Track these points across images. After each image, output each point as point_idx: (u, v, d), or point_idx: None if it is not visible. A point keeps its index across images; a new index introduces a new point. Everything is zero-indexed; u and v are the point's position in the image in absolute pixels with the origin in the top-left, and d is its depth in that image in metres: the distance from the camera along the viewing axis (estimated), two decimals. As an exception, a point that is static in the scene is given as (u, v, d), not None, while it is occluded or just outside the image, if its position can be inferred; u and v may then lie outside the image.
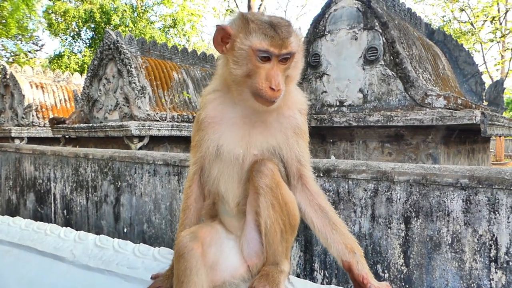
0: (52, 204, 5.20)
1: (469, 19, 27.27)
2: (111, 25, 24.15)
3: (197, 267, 1.53)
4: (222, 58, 1.66)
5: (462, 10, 27.43)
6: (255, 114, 1.62)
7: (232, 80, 1.58)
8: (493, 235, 2.24)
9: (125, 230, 4.22)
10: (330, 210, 1.66)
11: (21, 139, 11.37)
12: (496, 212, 2.23)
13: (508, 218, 2.20)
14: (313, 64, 6.13)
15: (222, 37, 1.57)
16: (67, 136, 8.96)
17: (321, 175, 2.86)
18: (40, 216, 5.34)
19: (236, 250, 1.70)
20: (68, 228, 2.54)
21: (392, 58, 5.40)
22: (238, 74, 1.54)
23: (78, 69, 24.78)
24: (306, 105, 1.75)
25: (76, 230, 2.53)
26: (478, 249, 2.28)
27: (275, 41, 1.48)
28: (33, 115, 11.75)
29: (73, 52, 27.33)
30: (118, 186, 4.32)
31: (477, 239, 2.29)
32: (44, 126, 11.68)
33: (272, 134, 1.64)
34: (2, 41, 26.68)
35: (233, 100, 1.65)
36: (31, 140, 11.37)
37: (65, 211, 5.01)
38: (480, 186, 2.28)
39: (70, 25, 26.52)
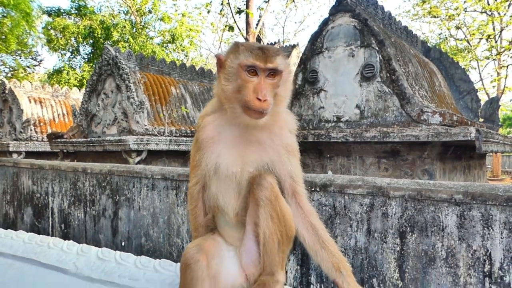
0: (50, 218, 5.20)
1: (465, 36, 27.60)
2: (110, 41, 24.32)
3: (202, 277, 1.61)
4: (217, 80, 1.79)
5: (458, 28, 27.77)
6: (249, 133, 1.71)
7: (224, 98, 1.71)
8: (487, 250, 2.27)
9: (123, 243, 4.23)
10: (320, 229, 1.74)
11: (19, 153, 11.38)
12: (490, 228, 2.27)
13: (501, 233, 2.23)
14: (310, 80, 6.19)
15: (220, 63, 1.75)
16: (65, 151, 8.97)
17: (318, 189, 2.89)
18: (37, 230, 5.33)
19: (235, 260, 1.77)
20: (71, 241, 2.57)
21: (388, 75, 5.46)
22: (228, 90, 1.68)
23: (77, 84, 24.88)
24: (295, 125, 1.86)
25: (75, 243, 2.56)
26: (472, 264, 2.31)
27: (261, 56, 1.63)
28: (31, 130, 11.78)
29: (72, 68, 27.46)
30: (116, 200, 4.34)
31: (471, 254, 2.32)
32: (42, 141, 11.69)
33: (266, 152, 1.72)
34: (1, 57, 26.81)
35: (229, 121, 1.76)
36: (29, 154, 11.37)
37: (62, 225, 5.01)
38: (474, 202, 2.32)
39: (69, 41, 26.70)
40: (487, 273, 2.26)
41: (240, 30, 16.48)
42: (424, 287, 2.45)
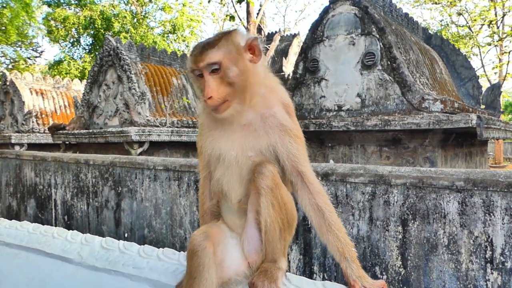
0: (53, 210, 5.23)
1: (467, 23, 27.35)
2: (111, 32, 24.24)
3: (209, 265, 1.62)
4: None
5: (459, 14, 27.52)
6: (238, 119, 1.70)
7: None
8: (489, 236, 2.28)
9: (126, 235, 4.25)
10: (327, 211, 1.72)
11: (21, 145, 11.40)
12: (491, 214, 2.27)
13: (502, 219, 2.24)
14: (311, 69, 6.18)
15: None
16: (67, 142, 8.99)
17: (320, 179, 2.90)
18: (40, 222, 5.36)
19: (239, 248, 1.79)
20: (75, 231, 2.60)
21: (389, 63, 5.45)
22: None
23: (79, 75, 24.85)
24: (288, 102, 1.80)
25: (79, 234, 2.59)
26: (474, 250, 2.32)
27: (195, 57, 1.66)
28: (33, 122, 11.79)
29: (73, 59, 27.41)
30: (119, 191, 4.36)
31: (473, 241, 2.33)
32: (44, 132, 11.70)
33: (260, 135, 1.72)
34: (2, 48, 26.76)
35: None
36: (31, 146, 11.39)
37: (65, 217, 5.04)
38: (476, 188, 2.32)
39: (69, 32, 26.61)
40: (488, 259, 2.28)
41: (240, 20, 16.41)
42: (427, 274, 2.47)
